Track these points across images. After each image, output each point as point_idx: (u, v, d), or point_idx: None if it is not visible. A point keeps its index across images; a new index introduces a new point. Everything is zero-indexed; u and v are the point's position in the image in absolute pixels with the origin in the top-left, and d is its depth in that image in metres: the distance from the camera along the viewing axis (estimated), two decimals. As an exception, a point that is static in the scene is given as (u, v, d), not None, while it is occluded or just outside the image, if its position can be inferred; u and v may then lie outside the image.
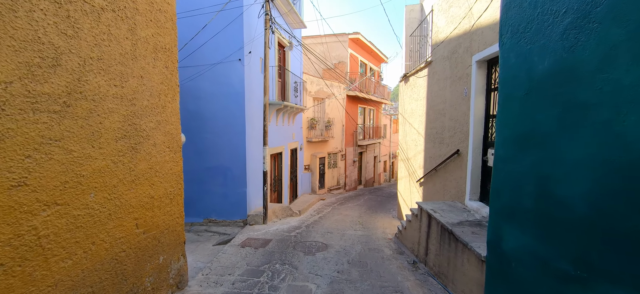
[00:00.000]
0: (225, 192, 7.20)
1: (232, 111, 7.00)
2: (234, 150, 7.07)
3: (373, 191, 16.66)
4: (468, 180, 4.40)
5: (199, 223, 7.39)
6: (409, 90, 7.79)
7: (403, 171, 8.39)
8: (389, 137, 24.30)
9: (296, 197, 11.38)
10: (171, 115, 3.05)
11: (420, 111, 6.82)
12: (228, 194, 7.19)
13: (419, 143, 6.89)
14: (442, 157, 5.42)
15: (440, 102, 5.57)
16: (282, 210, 8.17)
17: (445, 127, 5.34)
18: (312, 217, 8.51)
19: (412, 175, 7.44)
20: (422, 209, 4.49)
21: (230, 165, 7.12)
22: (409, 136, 7.79)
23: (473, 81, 4.33)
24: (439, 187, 5.55)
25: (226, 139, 7.09)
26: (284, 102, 8.23)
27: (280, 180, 9.63)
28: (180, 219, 3.27)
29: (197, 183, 7.33)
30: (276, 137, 9.07)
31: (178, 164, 3.19)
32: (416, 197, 6.99)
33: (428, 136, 6.26)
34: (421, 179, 6.59)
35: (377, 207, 11.14)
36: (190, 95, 7.20)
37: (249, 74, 7.09)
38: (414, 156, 7.27)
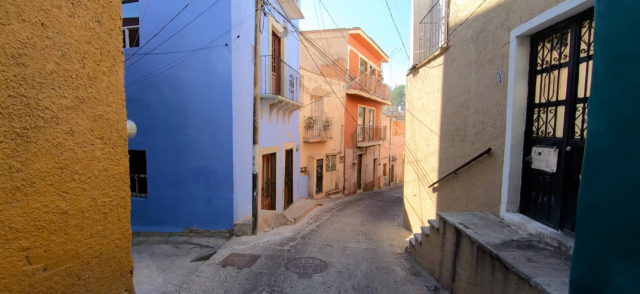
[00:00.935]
0: (209, 198, 6.25)
1: (218, 104, 6.07)
2: (220, 149, 6.13)
3: (373, 195, 15.77)
4: (504, 186, 3.50)
5: (179, 233, 6.42)
6: (419, 83, 6.92)
7: (411, 174, 7.50)
8: (388, 139, 23.48)
9: (291, 202, 10.45)
10: (107, 92, 2.12)
11: (434, 105, 5.94)
12: (212, 200, 6.24)
13: (432, 142, 6.01)
14: (465, 158, 4.53)
15: (462, 93, 4.69)
16: (274, 218, 7.23)
17: (469, 122, 4.46)
18: (309, 225, 7.58)
19: (422, 179, 6.55)
20: (445, 223, 3.59)
21: (214, 166, 6.18)
22: (418, 135, 6.91)
23: (511, 62, 3.45)
24: (460, 194, 4.66)
25: (211, 136, 6.16)
26: (278, 97, 7.32)
27: (274, 184, 8.70)
28: (124, 240, 2.33)
29: (176, 187, 6.37)
30: (269, 136, 8.14)
31: (120, 164, 2.26)
32: (428, 205, 6.09)
33: (444, 134, 5.38)
34: (435, 184, 5.70)
35: (379, 213, 10.23)
36: (169, 85, 6.27)
37: (237, 62, 6.18)
38: (425, 158, 6.38)
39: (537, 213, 3.20)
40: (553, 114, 3.03)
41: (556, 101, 2.98)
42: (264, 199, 8.15)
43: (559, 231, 2.85)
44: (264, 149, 7.73)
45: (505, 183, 3.49)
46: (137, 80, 6.36)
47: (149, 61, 6.25)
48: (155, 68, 6.24)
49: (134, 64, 6.29)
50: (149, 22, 6.19)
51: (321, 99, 13.05)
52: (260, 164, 7.50)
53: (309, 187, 12.38)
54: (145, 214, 6.62)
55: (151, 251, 5.90)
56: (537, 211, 3.20)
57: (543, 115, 3.17)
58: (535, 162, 3.22)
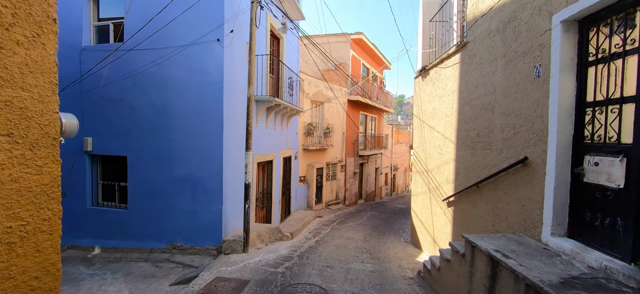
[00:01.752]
0: (195, 211, 5.57)
1: (208, 106, 5.46)
2: (208, 156, 5.49)
3: (375, 207, 15.04)
4: (548, 204, 2.85)
5: (161, 249, 5.72)
6: (429, 86, 6.33)
7: (420, 185, 6.84)
8: (390, 148, 22.86)
9: (289, 214, 9.74)
10: (23, 70, 1.50)
11: (448, 109, 5.33)
12: (199, 213, 5.56)
13: (446, 150, 5.37)
14: (490, 169, 3.89)
15: (485, 94, 4.08)
16: (269, 233, 6.53)
17: (495, 127, 3.83)
18: (308, 241, 6.88)
19: (434, 191, 5.89)
20: (474, 248, 2.93)
21: (202, 175, 5.53)
22: (429, 143, 6.27)
23: (555, 53, 2.84)
24: (484, 210, 4.00)
25: (199, 141, 5.52)
26: (275, 99, 6.72)
27: (270, 194, 8.02)
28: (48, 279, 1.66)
29: (159, 197, 5.71)
30: (266, 143, 7.51)
31: (44, 172, 1.61)
32: (442, 221, 5.41)
33: (462, 141, 4.75)
34: (451, 198, 5.04)
35: (383, 227, 9.52)
36: (155, 84, 5.67)
37: (230, 60, 5.59)
38: (438, 167, 5.74)
39: (594, 239, 2.54)
40: (616, 115, 2.40)
41: (620, 97, 2.36)
42: (259, 211, 7.46)
43: (632, 265, 2.19)
44: (259, 156, 7.09)
45: (549, 200, 2.83)
46: (119, 78, 5.76)
47: (134, 58, 5.66)
48: (139, 65, 5.65)
49: (117, 60, 5.70)
50: (134, 15, 5.63)
51: (322, 105, 12.47)
52: (255, 173, 6.85)
53: (308, 198, 11.69)
54: (125, 227, 5.94)
55: (127, 270, 5.19)
56: (595, 237, 2.54)
57: (600, 116, 2.54)
58: (590, 174, 2.57)
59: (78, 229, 6.19)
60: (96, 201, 6.30)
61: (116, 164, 6.12)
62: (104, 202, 6.29)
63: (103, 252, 6.06)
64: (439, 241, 5.53)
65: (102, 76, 5.75)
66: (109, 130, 5.93)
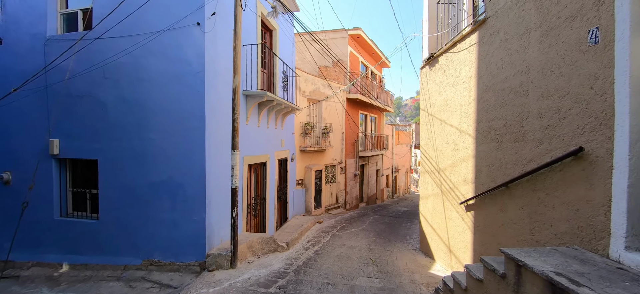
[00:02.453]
0: (175, 220, 4.84)
1: (187, 100, 4.75)
2: (189, 157, 4.78)
3: (377, 210, 14.32)
4: (618, 208, 2.15)
5: (136, 265, 4.98)
6: (439, 75, 5.65)
7: (430, 187, 6.14)
8: (391, 149, 22.19)
9: (286, 220, 9.01)
10: None
11: (463, 98, 4.64)
12: (179, 223, 4.83)
13: (462, 146, 4.67)
14: (524, 165, 3.19)
15: (515, 74, 3.39)
16: (262, 243, 5.80)
17: (530, 113, 3.14)
18: (306, 252, 6.14)
19: (447, 193, 5.18)
20: (521, 269, 2.21)
21: (182, 179, 4.80)
22: (440, 138, 5.58)
23: (622, 7, 2.16)
24: (517, 215, 3.29)
25: (177, 141, 4.81)
26: (266, 94, 6.02)
27: (264, 200, 7.29)
28: None
29: (134, 206, 4.98)
30: (258, 143, 6.80)
31: None
32: (460, 227, 4.70)
33: (483, 133, 4.05)
34: (470, 201, 4.33)
35: (388, 233, 8.79)
36: (127, 76, 4.97)
37: (212, 47, 4.90)
38: (452, 166, 5.04)
39: (695, 256, 1.84)
40: None
41: None
42: (251, 219, 6.73)
43: None
44: (250, 157, 6.37)
45: (621, 203, 2.13)
46: (87, 70, 5.06)
47: (103, 47, 4.96)
48: (109, 55, 4.95)
49: (84, 50, 5.00)
50: None
51: (319, 104, 11.78)
52: (245, 176, 6.13)
53: (307, 202, 10.95)
54: (96, 241, 5.20)
55: (96, 291, 4.45)
56: (696, 253, 1.83)
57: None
58: (685, 167, 1.88)
59: (44, 244, 5.44)
60: (65, 212, 5.56)
61: (88, 169, 5.40)
62: (75, 212, 5.54)
63: (72, 270, 5.31)
64: (456, 250, 4.82)
65: (67, 69, 5.05)
66: (77, 130, 5.22)
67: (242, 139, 5.94)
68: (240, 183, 5.87)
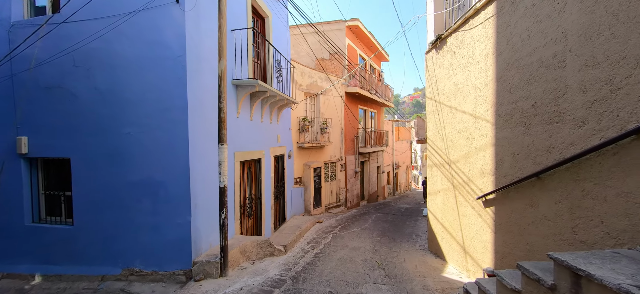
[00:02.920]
0: (157, 224, 4.31)
1: (167, 87, 4.21)
2: (171, 153, 4.24)
3: (379, 208, 13.82)
4: None
5: (115, 275, 4.45)
6: (448, 57, 5.13)
7: (439, 181, 5.63)
8: (391, 145, 21.69)
9: (284, 220, 8.49)
10: None
11: (478, 80, 4.13)
12: (161, 227, 4.30)
13: (479, 133, 4.16)
14: (562, 150, 2.68)
15: (545, 45, 2.88)
16: (257, 247, 5.27)
17: (569, 87, 2.62)
18: (305, 255, 5.62)
19: (461, 188, 4.67)
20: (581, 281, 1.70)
21: (164, 178, 4.27)
22: (450, 127, 5.07)
23: None
24: (554, 211, 2.78)
25: (158, 135, 4.27)
26: (258, 83, 5.48)
27: (259, 199, 6.77)
28: None
29: (112, 209, 4.45)
30: (251, 138, 6.27)
31: None
32: (477, 225, 4.19)
33: (506, 117, 3.54)
34: (490, 195, 3.82)
35: (392, 231, 8.29)
36: (100, 64, 4.42)
37: (195, 29, 4.36)
38: (466, 157, 4.52)
39: None
40: None
41: None
42: (246, 221, 6.21)
43: None
44: (243, 153, 5.84)
45: None
46: (55, 57, 4.51)
47: (72, 31, 4.42)
48: (79, 40, 4.40)
49: (50, 35, 4.45)
50: (71, -22, 4.39)
51: (317, 98, 11.25)
52: (237, 174, 5.60)
53: (306, 201, 10.43)
54: (71, 248, 4.67)
55: (67, 308, 3.93)
56: None
57: None
58: None
59: (14, 253, 4.91)
60: (38, 217, 5.02)
61: (62, 169, 4.86)
62: (49, 217, 5.01)
63: (44, 281, 4.77)
64: (472, 250, 4.31)
65: (33, 57, 4.50)
66: (47, 126, 4.67)
67: (233, 133, 5.42)
68: (231, 181, 5.35)
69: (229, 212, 5.28)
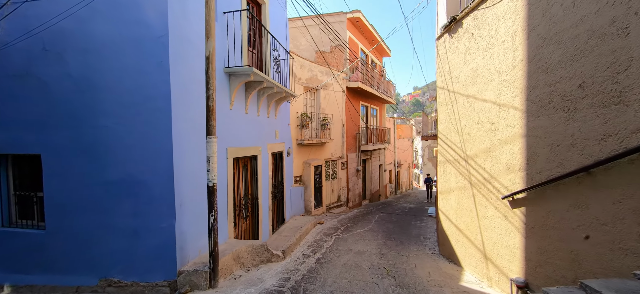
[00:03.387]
0: (138, 229, 3.80)
1: (148, 74, 3.70)
2: (153, 148, 3.73)
3: (382, 208, 13.32)
4: None
5: (92, 287, 3.93)
6: (464, 41, 4.62)
7: (453, 178, 5.12)
8: (393, 142, 21.20)
9: (283, 222, 7.98)
10: None
11: (505, 62, 3.61)
12: (142, 232, 3.79)
13: (504, 124, 3.65)
14: (627, 137, 2.18)
15: (600, 10, 2.37)
16: (252, 253, 4.76)
17: (634, 60, 2.11)
18: (306, 261, 5.11)
19: (480, 186, 4.16)
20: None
21: (145, 177, 3.76)
22: (467, 118, 4.56)
23: None
24: (611, 213, 2.27)
25: (138, 127, 3.76)
26: (253, 71, 4.96)
27: (256, 200, 6.25)
28: None
29: (88, 211, 3.93)
30: (246, 132, 5.76)
31: None
32: (502, 228, 3.67)
33: (541, 103, 3.02)
34: (520, 195, 3.30)
35: (398, 233, 7.79)
36: (73, 47, 3.90)
37: (179, 5, 3.84)
38: (487, 151, 4.01)
39: None
40: None
41: None
42: (241, 222, 5.69)
43: None
44: (237, 149, 5.33)
45: None
46: (22, 39, 3.98)
47: (41, 11, 3.89)
48: (48, 19, 3.87)
49: (14, 13, 3.92)
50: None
51: (317, 92, 10.73)
52: (231, 171, 5.09)
53: (306, 201, 9.92)
54: (43, 256, 4.15)
55: (32, 326, 3.41)
56: None
57: None
58: None
59: (-19, 262, 4.39)
60: (8, 220, 4.50)
61: (28, 166, 4.34)
62: (21, 221, 4.49)
63: (14, 292, 4.26)
64: (495, 256, 3.80)
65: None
66: (16, 118, 4.15)
67: (226, 127, 4.90)
68: (223, 180, 4.83)
69: (221, 215, 4.76)
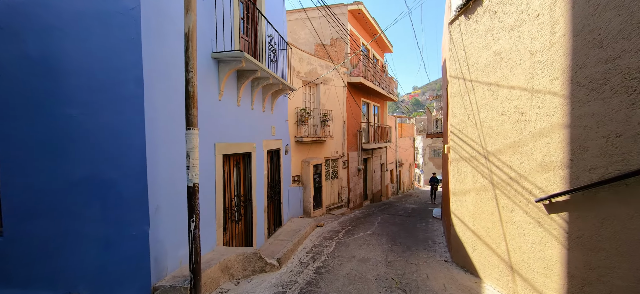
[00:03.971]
0: (108, 237, 3.24)
1: (116, 53, 3.14)
2: (122, 141, 3.17)
3: (384, 208, 12.78)
4: None
5: (54, 304, 3.37)
6: (484, 21, 4.06)
7: (469, 178, 4.56)
8: (394, 141, 20.66)
9: (280, 225, 7.42)
10: None
11: (540, 40, 3.06)
12: (112, 240, 3.23)
13: (538, 113, 3.10)
14: None
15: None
16: (243, 262, 4.20)
17: None
18: (304, 271, 4.56)
19: (504, 187, 3.61)
20: None
21: (114, 175, 3.20)
22: (488, 109, 4.01)
23: None
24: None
25: (106, 117, 3.19)
26: (245, 56, 4.39)
27: (249, 201, 5.70)
28: None
29: (50, 215, 3.37)
30: (238, 127, 5.20)
31: None
32: (534, 237, 3.12)
33: (593, 84, 2.47)
34: (561, 197, 2.75)
35: (404, 236, 7.24)
36: (30, 24, 3.33)
37: (157, -24, 3.28)
38: (514, 146, 3.46)
39: None
40: None
41: None
42: (233, 226, 5.14)
43: None
44: (227, 145, 4.77)
45: None
46: (-28, 17, 3.41)
47: (-5, -18, 3.33)
48: (4, -7, 3.31)
49: (-35, -14, 3.36)
50: None
51: (317, 87, 10.17)
52: (220, 170, 4.53)
53: (305, 202, 9.37)
54: (1, 266, 3.58)
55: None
56: None
57: None
58: None
59: None
60: (-36, 226, 3.92)
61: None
62: (-20, 226, 3.92)
63: (-32, 309, 3.69)
64: (524, 269, 3.25)
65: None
66: (-31, 109, 3.58)
67: (214, 120, 4.35)
68: (211, 179, 4.27)
69: (208, 219, 4.21)
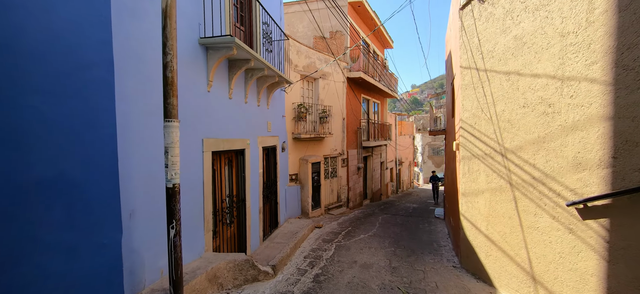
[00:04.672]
0: (75, 245, 2.82)
1: (83, 33, 2.71)
2: (90, 135, 2.74)
3: (384, 208, 12.41)
4: None
5: (14, 321, 2.93)
6: (503, 4, 3.66)
7: (482, 178, 4.17)
8: (394, 139, 20.29)
9: (276, 226, 7.02)
10: None
11: (574, 20, 2.65)
12: (80, 249, 2.81)
13: (571, 104, 2.70)
14: None
15: None
16: (234, 270, 3.79)
17: None
18: (302, 279, 4.15)
19: (525, 188, 3.21)
20: None
21: (82, 174, 2.77)
22: (507, 102, 3.61)
23: None
24: None
25: (72, 107, 2.77)
26: (235, 41, 3.96)
27: (243, 202, 5.28)
28: None
29: (8, 220, 2.93)
30: (230, 121, 4.78)
31: None
32: (564, 245, 2.73)
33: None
34: (600, 201, 2.36)
35: (407, 239, 6.86)
36: (-14, 1, 2.88)
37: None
38: (539, 142, 3.06)
39: None
40: None
41: None
42: (224, 230, 4.72)
43: None
44: (217, 141, 4.35)
45: None
46: None
47: (-56, -49, 2.87)
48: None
49: None
50: None
51: (316, 82, 9.75)
52: (209, 168, 4.10)
53: (303, 202, 8.97)
54: (-44, 278, 3.14)
55: None
56: None
57: None
58: None
59: None
60: None
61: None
62: (-62, 230, 3.47)
63: None
64: (551, 281, 2.87)
65: None
66: None
67: (202, 113, 3.93)
68: (198, 178, 3.85)
69: (196, 222, 3.79)
